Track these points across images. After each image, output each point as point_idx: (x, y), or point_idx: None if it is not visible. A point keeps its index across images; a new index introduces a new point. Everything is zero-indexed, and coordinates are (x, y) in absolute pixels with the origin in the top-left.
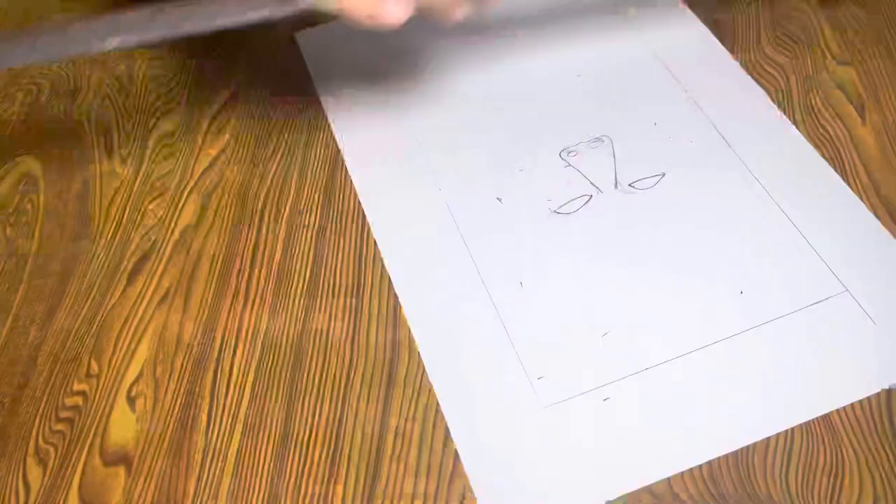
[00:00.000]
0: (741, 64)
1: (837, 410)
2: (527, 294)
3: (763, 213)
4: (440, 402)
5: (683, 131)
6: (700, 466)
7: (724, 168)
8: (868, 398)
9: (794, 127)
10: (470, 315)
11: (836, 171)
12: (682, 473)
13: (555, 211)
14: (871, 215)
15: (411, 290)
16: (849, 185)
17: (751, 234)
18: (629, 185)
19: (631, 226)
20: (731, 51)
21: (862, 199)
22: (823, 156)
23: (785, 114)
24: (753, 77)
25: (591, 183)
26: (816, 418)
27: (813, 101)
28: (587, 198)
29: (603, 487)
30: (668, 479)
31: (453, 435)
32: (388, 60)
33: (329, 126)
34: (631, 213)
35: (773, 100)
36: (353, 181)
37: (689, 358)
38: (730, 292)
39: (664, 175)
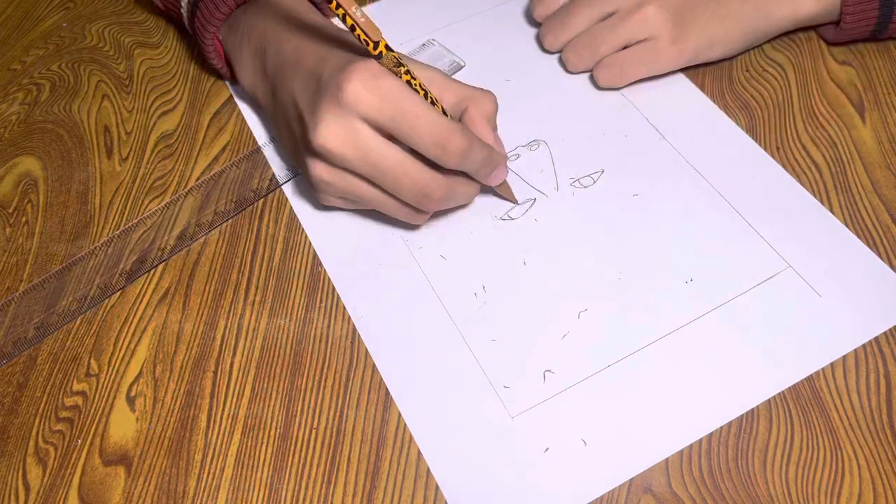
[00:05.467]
0: (742, 64)
1: (837, 411)
2: (482, 304)
3: (703, 198)
4: (409, 427)
5: (616, 126)
6: (700, 466)
7: (660, 158)
8: (868, 398)
9: (723, 112)
10: (428, 331)
11: (835, 170)
12: (682, 473)
13: (500, 218)
14: (802, 189)
15: (366, 311)
16: (849, 185)
17: (693, 220)
18: (570, 184)
19: (576, 226)
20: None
21: (862, 199)
22: (823, 156)
23: (785, 114)
24: (754, 78)
25: (534, 187)
26: (817, 417)
27: (813, 101)
28: (531, 201)
29: (583, 488)
30: (668, 478)
31: (425, 454)
32: None
33: None
34: (575, 212)
35: (773, 99)
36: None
37: (647, 351)
38: (680, 281)
39: (603, 171)
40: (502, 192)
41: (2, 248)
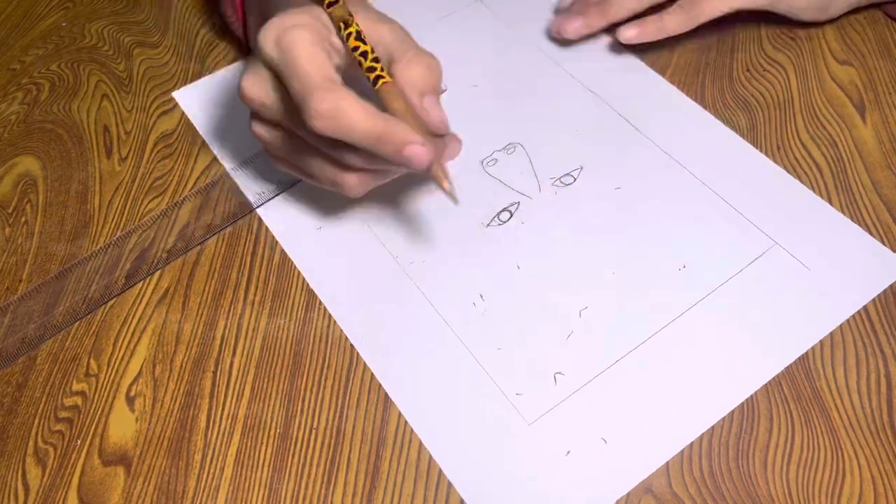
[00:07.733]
0: (742, 63)
1: (837, 410)
2: (482, 313)
3: (683, 185)
4: (425, 445)
5: (588, 122)
6: (700, 466)
7: (636, 150)
8: (868, 398)
9: (687, 97)
10: (432, 347)
11: (836, 170)
12: (683, 473)
13: (487, 224)
14: (777, 167)
15: (363, 330)
16: (849, 184)
17: (677, 207)
18: (552, 184)
19: (564, 224)
20: (732, 51)
21: (862, 199)
22: (824, 155)
23: (786, 114)
24: (754, 77)
25: (516, 190)
26: (817, 417)
27: (813, 101)
28: (516, 205)
29: (612, 484)
30: (669, 478)
31: (445, 472)
32: None
33: None
34: (560, 211)
35: (774, 99)
36: None
37: (655, 340)
38: (673, 269)
39: (582, 168)
40: (441, 186)
41: (1, 248)
